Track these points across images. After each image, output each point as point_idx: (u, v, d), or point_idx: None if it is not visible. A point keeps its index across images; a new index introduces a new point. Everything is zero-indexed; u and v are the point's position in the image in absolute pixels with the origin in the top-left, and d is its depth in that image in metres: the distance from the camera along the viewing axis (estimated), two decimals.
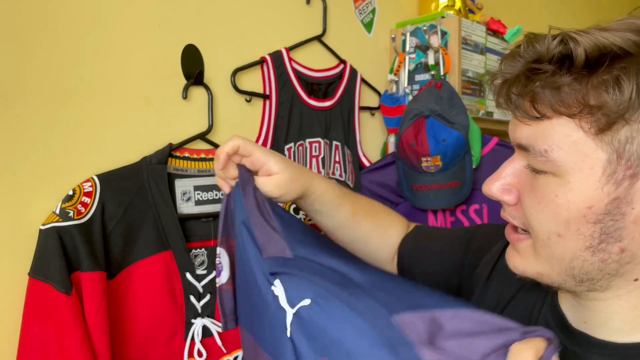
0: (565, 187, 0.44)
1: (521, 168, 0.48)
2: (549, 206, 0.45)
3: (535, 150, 0.45)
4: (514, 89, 0.45)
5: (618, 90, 0.39)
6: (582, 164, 0.42)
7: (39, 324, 0.69)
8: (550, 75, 0.42)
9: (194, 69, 0.90)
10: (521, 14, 1.93)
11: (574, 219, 0.43)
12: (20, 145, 0.71)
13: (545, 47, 0.43)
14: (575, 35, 0.42)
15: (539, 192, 0.46)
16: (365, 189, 1.22)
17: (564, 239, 0.45)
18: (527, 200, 0.47)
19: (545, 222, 0.45)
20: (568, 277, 0.46)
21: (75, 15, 0.76)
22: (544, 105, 0.43)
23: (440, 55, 1.22)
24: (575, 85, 0.41)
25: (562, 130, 0.43)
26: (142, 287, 0.79)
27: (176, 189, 0.87)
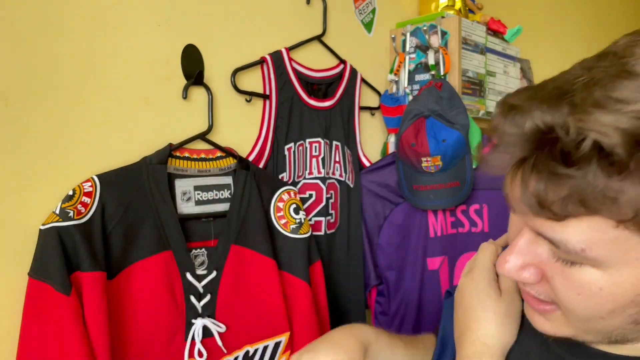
0: (610, 281, 0.39)
1: (543, 251, 0.42)
2: (593, 298, 0.40)
3: (569, 249, 0.38)
4: (532, 188, 0.37)
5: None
6: (627, 257, 0.37)
7: (39, 324, 0.69)
8: (583, 181, 0.34)
9: (194, 69, 0.90)
10: (521, 14, 1.93)
11: (621, 306, 0.40)
12: (20, 145, 0.71)
13: (569, 146, 0.35)
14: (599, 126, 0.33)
15: (577, 283, 0.40)
16: (365, 189, 1.22)
17: (607, 320, 0.41)
18: (562, 289, 0.42)
19: (588, 310, 0.41)
20: (603, 339, 0.44)
21: (75, 16, 0.76)
22: (576, 209, 0.36)
23: (440, 55, 1.22)
24: (612, 183, 0.34)
25: (598, 228, 0.37)
26: (142, 287, 0.79)
27: (176, 189, 0.87)
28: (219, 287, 0.87)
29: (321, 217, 1.11)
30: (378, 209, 1.22)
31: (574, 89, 0.36)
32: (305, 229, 0.99)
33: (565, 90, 0.36)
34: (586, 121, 0.33)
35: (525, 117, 0.37)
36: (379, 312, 1.24)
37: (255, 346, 0.91)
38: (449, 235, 1.21)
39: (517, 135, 0.37)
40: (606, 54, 0.38)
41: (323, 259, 1.07)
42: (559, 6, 2.29)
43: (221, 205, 0.92)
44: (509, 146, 0.39)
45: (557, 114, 0.35)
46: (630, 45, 0.37)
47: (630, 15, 3.08)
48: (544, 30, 2.11)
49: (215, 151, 0.93)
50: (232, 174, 0.94)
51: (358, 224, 1.20)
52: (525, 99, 0.38)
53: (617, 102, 0.33)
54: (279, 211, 0.98)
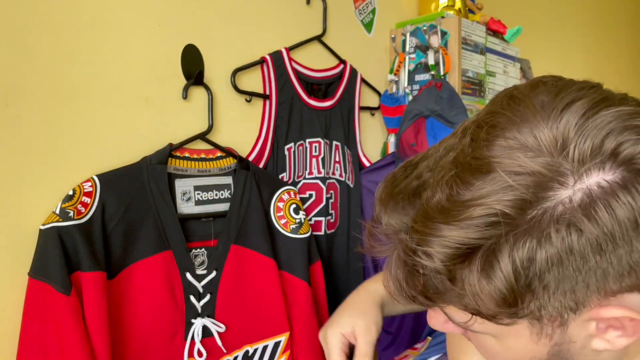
0: (503, 346, 0.42)
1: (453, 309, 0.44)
2: (496, 357, 0.44)
3: (456, 322, 0.42)
4: (400, 280, 0.40)
5: (503, 298, 0.35)
6: (508, 331, 0.40)
7: (39, 324, 0.69)
8: (430, 279, 0.38)
9: (194, 69, 0.90)
10: (521, 14, 1.93)
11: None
12: (20, 145, 0.71)
13: (412, 251, 0.37)
14: (425, 244, 0.36)
15: (481, 344, 0.44)
16: (365, 189, 1.22)
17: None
18: (473, 342, 0.46)
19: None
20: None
21: (75, 15, 0.76)
22: (433, 297, 0.39)
23: (440, 55, 1.22)
24: (453, 286, 0.37)
25: (461, 312, 0.40)
26: (142, 287, 0.79)
27: (176, 189, 0.87)
28: (218, 287, 0.87)
29: (321, 217, 1.11)
30: None
31: (429, 183, 0.38)
32: (305, 229, 0.99)
33: (423, 181, 0.40)
34: (420, 235, 0.36)
35: (385, 215, 0.41)
36: None
37: (255, 346, 0.92)
38: None
39: (383, 229, 0.41)
40: (467, 130, 0.39)
41: (323, 259, 1.08)
42: (559, 6, 2.29)
43: (221, 205, 0.92)
44: (379, 241, 0.42)
45: (405, 218, 0.39)
46: (486, 137, 0.36)
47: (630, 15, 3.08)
48: (544, 30, 2.11)
49: (215, 151, 0.93)
50: (232, 174, 0.94)
51: (358, 224, 1.20)
52: (388, 195, 0.42)
53: (455, 208, 0.35)
54: (279, 211, 0.98)
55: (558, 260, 0.33)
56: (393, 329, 1.21)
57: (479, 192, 0.34)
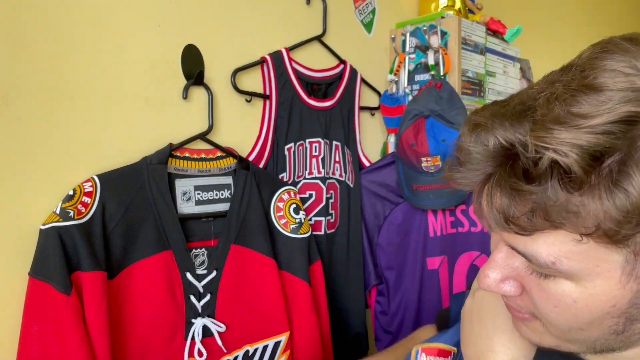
0: (584, 293, 0.39)
1: (519, 265, 0.43)
2: (569, 310, 0.40)
3: (540, 263, 0.39)
4: (498, 204, 0.38)
5: (619, 189, 0.33)
6: (598, 269, 0.38)
7: (39, 324, 0.69)
8: (544, 195, 0.35)
9: (194, 69, 0.90)
10: (521, 14, 1.93)
11: (597, 318, 0.40)
12: (20, 145, 0.71)
13: (528, 164, 0.35)
14: (556, 144, 0.34)
15: (553, 296, 0.41)
16: (365, 189, 1.22)
17: (586, 331, 0.42)
18: (539, 302, 0.42)
19: (567, 322, 0.41)
20: (588, 350, 0.45)
21: (75, 15, 0.76)
22: (541, 223, 0.36)
23: (440, 56, 1.22)
24: (573, 198, 0.34)
25: (566, 242, 0.37)
26: (142, 287, 0.79)
27: (176, 189, 0.87)
28: (218, 287, 0.87)
29: (321, 217, 1.11)
30: (378, 209, 1.22)
31: (537, 105, 0.36)
32: (305, 229, 0.99)
33: (528, 106, 0.37)
34: (544, 139, 0.34)
35: (488, 135, 0.37)
36: (378, 312, 1.24)
37: (255, 346, 0.92)
38: (448, 235, 1.21)
39: (482, 152, 0.38)
40: (570, 67, 0.38)
41: (323, 258, 1.08)
42: (559, 6, 2.29)
43: (221, 205, 0.92)
44: (475, 163, 0.39)
45: (519, 131, 0.36)
46: (592, 58, 0.37)
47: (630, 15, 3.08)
48: (544, 30, 2.11)
49: (216, 151, 0.93)
50: (232, 174, 0.94)
51: (358, 224, 1.20)
52: (489, 116, 0.38)
53: (575, 117, 0.33)
54: (279, 211, 0.98)
55: None
56: (393, 329, 1.22)
57: (602, 104, 0.33)
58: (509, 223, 0.38)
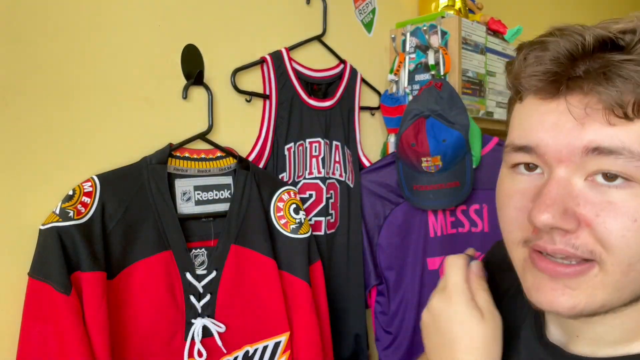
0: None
1: (581, 188, 0.40)
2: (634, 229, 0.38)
3: (633, 153, 0.37)
4: (606, 87, 0.37)
5: None
6: None
7: (39, 323, 0.69)
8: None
9: (194, 69, 0.90)
10: (521, 14, 1.93)
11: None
12: (20, 145, 0.71)
13: (633, 41, 0.37)
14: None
15: (631, 209, 0.38)
16: (365, 189, 1.22)
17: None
18: (614, 221, 0.38)
19: (634, 238, 0.38)
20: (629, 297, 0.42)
21: (75, 15, 0.76)
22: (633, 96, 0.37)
23: (440, 55, 1.22)
24: None
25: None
26: (142, 287, 0.79)
27: (176, 189, 0.87)
28: (218, 287, 0.87)
29: (321, 217, 1.11)
30: (378, 209, 1.22)
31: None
32: (305, 229, 0.99)
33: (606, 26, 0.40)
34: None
35: (584, 33, 0.39)
36: (379, 312, 1.24)
37: (255, 346, 0.91)
38: (449, 235, 1.21)
39: (576, 46, 0.39)
40: None
41: (323, 259, 1.07)
42: (559, 6, 2.29)
43: (221, 205, 0.92)
44: (565, 59, 0.39)
45: (611, 27, 0.39)
46: None
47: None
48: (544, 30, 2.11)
49: (215, 151, 0.93)
50: (232, 174, 0.94)
51: (358, 224, 1.20)
52: (575, 26, 0.40)
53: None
54: (279, 211, 0.98)
55: None
56: (393, 329, 1.21)
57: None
58: (618, 104, 0.37)
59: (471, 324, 0.50)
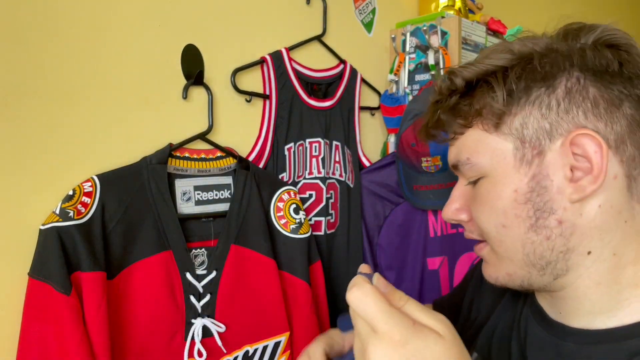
0: (493, 182, 0.50)
1: (464, 187, 0.56)
2: (487, 203, 0.51)
3: (462, 162, 0.53)
4: (429, 124, 0.57)
5: (493, 92, 0.49)
6: (497, 158, 0.50)
7: (39, 324, 0.69)
8: (445, 101, 0.54)
9: (194, 69, 0.90)
10: (521, 14, 1.93)
11: (508, 206, 0.49)
12: (20, 145, 0.71)
13: (438, 87, 0.55)
14: (454, 70, 0.53)
15: (478, 198, 0.52)
16: (365, 189, 1.22)
17: (508, 228, 0.49)
18: (473, 210, 0.53)
19: (490, 219, 0.51)
20: (529, 267, 0.50)
21: (75, 15, 0.76)
22: (451, 125, 0.54)
23: (440, 55, 1.22)
24: (465, 101, 0.52)
25: (473, 138, 0.52)
26: (142, 287, 0.79)
27: (176, 189, 0.87)
28: (218, 287, 0.87)
29: (321, 217, 1.11)
30: (378, 209, 1.22)
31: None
32: (305, 229, 0.99)
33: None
34: (448, 70, 0.54)
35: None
36: None
37: (255, 346, 0.91)
38: (449, 235, 1.21)
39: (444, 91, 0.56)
40: None
41: (323, 259, 1.07)
42: (559, 6, 2.29)
43: (221, 205, 0.92)
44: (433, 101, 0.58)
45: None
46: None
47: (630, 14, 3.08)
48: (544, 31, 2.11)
49: (215, 151, 0.93)
50: (232, 174, 0.94)
51: (358, 224, 1.20)
52: None
53: (483, 58, 0.52)
54: (279, 211, 0.98)
55: None
56: None
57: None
58: (438, 133, 0.57)
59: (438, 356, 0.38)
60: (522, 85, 0.48)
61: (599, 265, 0.48)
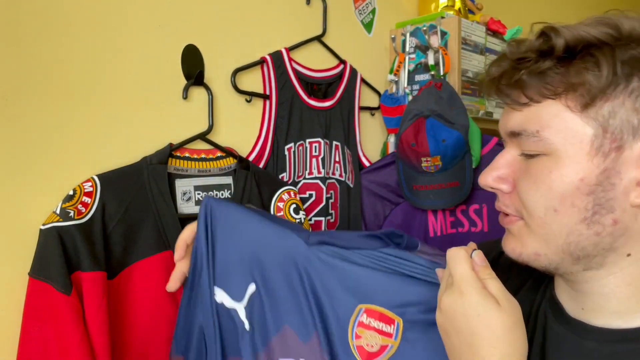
0: (558, 163, 0.46)
1: (514, 157, 0.51)
2: (545, 182, 0.47)
3: (528, 133, 0.48)
4: (503, 80, 0.49)
5: (597, 69, 0.44)
6: (572, 140, 0.46)
7: (39, 324, 0.69)
8: (534, 63, 0.47)
9: (194, 69, 0.90)
10: (521, 14, 1.93)
11: (569, 192, 0.46)
12: (20, 145, 0.71)
13: (528, 43, 0.48)
14: (556, 27, 0.47)
15: (534, 174, 0.48)
16: (365, 189, 1.22)
17: (560, 214, 0.47)
18: (523, 184, 0.49)
19: (542, 199, 0.47)
20: (565, 255, 0.48)
21: (75, 16, 0.76)
22: (531, 90, 0.47)
23: (440, 56, 1.22)
24: (558, 68, 0.46)
25: (551, 111, 0.46)
26: (142, 287, 0.79)
27: (176, 189, 0.87)
28: None
29: (321, 217, 1.11)
30: (378, 209, 1.22)
31: None
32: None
33: None
34: (545, 25, 0.48)
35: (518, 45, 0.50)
36: None
37: None
38: (448, 235, 1.21)
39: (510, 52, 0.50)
40: None
41: None
42: (559, 6, 2.29)
43: None
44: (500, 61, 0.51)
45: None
46: None
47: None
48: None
49: (216, 151, 0.93)
50: (232, 174, 0.94)
51: (358, 224, 1.20)
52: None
53: (578, 24, 0.48)
54: (279, 211, 0.98)
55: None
56: None
57: None
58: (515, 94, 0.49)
59: (489, 315, 0.47)
60: (625, 70, 0.43)
61: (635, 267, 0.47)
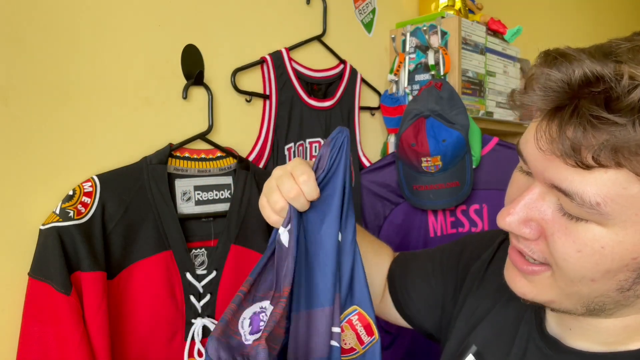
0: (614, 240, 0.40)
1: (548, 205, 0.43)
2: (593, 256, 0.41)
3: (584, 201, 0.39)
4: (570, 132, 0.37)
5: None
6: (636, 217, 0.39)
7: (39, 324, 0.69)
8: (624, 129, 0.35)
9: (194, 69, 0.90)
10: (521, 14, 1.93)
11: (616, 269, 0.41)
12: (20, 145, 0.71)
13: (619, 93, 0.36)
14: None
15: (579, 240, 0.41)
16: (365, 189, 1.22)
17: (597, 283, 0.42)
18: (562, 246, 0.42)
19: (583, 270, 0.41)
20: (581, 307, 0.45)
21: (75, 15, 0.76)
22: (607, 158, 0.37)
23: (440, 55, 1.22)
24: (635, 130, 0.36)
25: (620, 183, 0.38)
26: (142, 287, 0.79)
27: (176, 189, 0.87)
28: (218, 287, 0.87)
29: None
30: (378, 209, 1.22)
31: (619, 52, 0.38)
32: None
33: (609, 52, 0.38)
34: (632, 75, 0.35)
35: (574, 65, 0.38)
36: None
37: None
38: (449, 235, 1.21)
39: (562, 81, 0.38)
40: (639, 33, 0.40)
41: None
42: (559, 6, 2.29)
43: (221, 205, 0.92)
44: (550, 92, 0.39)
45: (608, 65, 0.37)
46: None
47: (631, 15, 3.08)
48: (544, 30, 2.11)
49: (215, 151, 0.93)
50: (232, 174, 0.94)
51: (358, 223, 1.20)
52: (573, 51, 0.39)
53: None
54: None
55: None
56: (393, 329, 1.21)
57: None
58: (576, 152, 0.37)
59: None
60: None
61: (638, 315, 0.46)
